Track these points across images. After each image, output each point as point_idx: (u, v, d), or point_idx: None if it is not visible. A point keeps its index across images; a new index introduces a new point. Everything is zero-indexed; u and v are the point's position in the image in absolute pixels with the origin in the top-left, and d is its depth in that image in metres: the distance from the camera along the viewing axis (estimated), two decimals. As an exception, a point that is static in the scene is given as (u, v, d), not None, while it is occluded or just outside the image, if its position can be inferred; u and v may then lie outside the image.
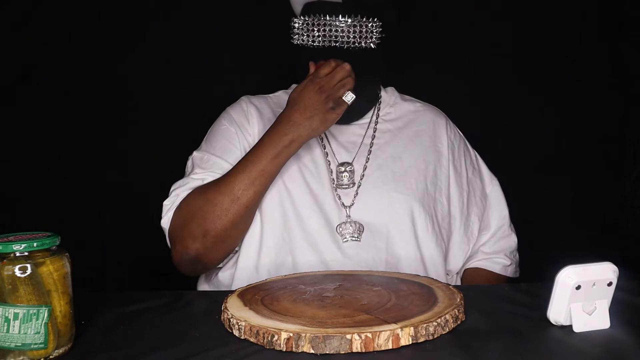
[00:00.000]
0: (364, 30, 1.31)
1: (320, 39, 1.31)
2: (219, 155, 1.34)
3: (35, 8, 1.74)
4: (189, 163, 1.37)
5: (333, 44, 1.31)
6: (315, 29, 1.31)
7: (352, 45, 1.31)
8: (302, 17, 1.32)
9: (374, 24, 1.31)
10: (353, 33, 1.30)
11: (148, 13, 1.78)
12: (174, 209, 1.27)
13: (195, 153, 1.37)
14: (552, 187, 1.86)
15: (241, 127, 1.38)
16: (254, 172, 1.22)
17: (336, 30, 1.30)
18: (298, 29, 1.33)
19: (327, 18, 1.30)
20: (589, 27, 1.85)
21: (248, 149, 1.33)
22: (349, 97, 1.22)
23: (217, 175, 1.29)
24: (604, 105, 1.87)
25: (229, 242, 1.26)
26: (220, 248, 1.26)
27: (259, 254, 1.29)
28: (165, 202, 1.29)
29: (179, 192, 1.29)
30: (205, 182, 1.28)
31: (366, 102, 1.41)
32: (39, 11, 1.74)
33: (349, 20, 1.30)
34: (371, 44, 1.32)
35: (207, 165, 1.33)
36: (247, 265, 1.30)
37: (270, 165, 1.23)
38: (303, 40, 1.32)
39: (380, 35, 1.32)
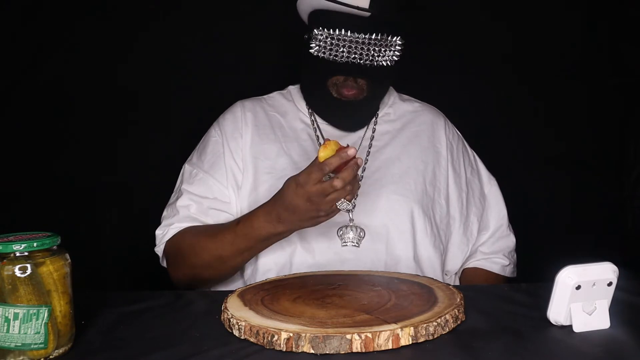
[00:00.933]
0: (387, 48, 1.28)
1: (345, 55, 1.27)
2: (207, 170, 1.35)
3: (35, 8, 1.74)
4: (181, 174, 1.39)
5: (358, 60, 1.27)
6: (341, 44, 1.26)
7: (374, 63, 1.28)
8: (325, 30, 1.26)
9: (396, 41, 1.28)
10: (377, 51, 1.27)
11: (148, 13, 1.78)
12: (165, 242, 1.31)
13: (186, 165, 1.39)
14: (552, 188, 1.86)
15: (230, 140, 1.37)
16: (242, 246, 1.21)
17: (361, 48, 1.26)
18: (321, 41, 1.27)
19: (356, 35, 1.25)
20: (589, 27, 1.85)
21: (237, 161, 1.35)
22: (344, 205, 1.10)
23: (202, 199, 1.31)
24: (604, 105, 1.87)
25: (220, 280, 1.31)
26: (212, 283, 1.31)
27: (257, 260, 1.29)
28: (157, 232, 1.33)
29: (169, 223, 1.31)
30: (191, 210, 1.31)
31: (371, 111, 1.41)
32: (39, 11, 1.74)
33: (374, 36, 1.26)
34: (389, 61, 1.29)
35: (194, 181, 1.35)
36: (246, 270, 1.31)
37: (260, 244, 1.22)
38: (324, 54, 1.28)
39: (400, 53, 1.30)
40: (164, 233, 1.31)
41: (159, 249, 1.33)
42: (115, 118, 1.79)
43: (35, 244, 0.81)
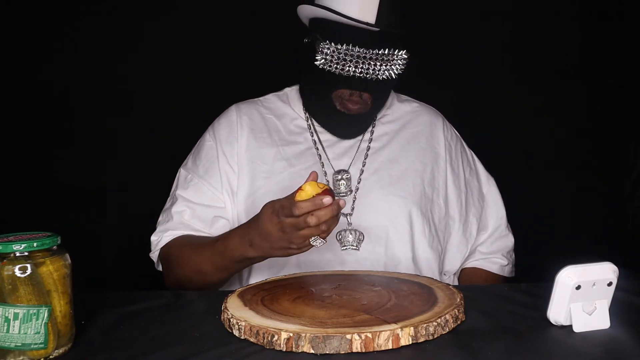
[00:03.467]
0: (393, 63, 1.27)
1: (352, 69, 1.25)
2: (202, 175, 1.35)
3: (36, 8, 1.74)
4: (176, 178, 1.40)
5: (364, 75, 1.26)
6: (348, 59, 1.24)
7: (379, 77, 1.27)
8: (332, 44, 1.24)
9: (402, 55, 1.27)
10: (385, 66, 1.26)
11: (148, 14, 1.78)
12: (159, 249, 1.32)
13: (182, 170, 1.39)
14: (552, 187, 1.86)
15: (224, 145, 1.37)
16: (219, 264, 1.21)
17: (369, 63, 1.25)
18: (327, 55, 1.25)
19: (364, 50, 1.23)
20: (589, 27, 1.85)
21: (231, 165, 1.34)
22: (318, 242, 1.06)
23: (196, 205, 1.32)
24: (604, 105, 1.87)
25: (211, 288, 1.29)
26: (204, 289, 1.29)
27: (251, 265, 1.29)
28: (152, 238, 1.34)
29: (163, 229, 1.33)
30: (184, 216, 1.32)
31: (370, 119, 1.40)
32: (39, 11, 1.74)
33: (381, 52, 1.24)
34: (394, 74, 1.28)
35: (189, 186, 1.35)
36: (243, 272, 1.31)
37: (234, 265, 1.21)
38: (331, 67, 1.25)
39: (404, 67, 1.29)
40: (158, 240, 1.33)
41: (154, 255, 1.34)
42: (115, 118, 1.79)
43: (35, 244, 0.81)
